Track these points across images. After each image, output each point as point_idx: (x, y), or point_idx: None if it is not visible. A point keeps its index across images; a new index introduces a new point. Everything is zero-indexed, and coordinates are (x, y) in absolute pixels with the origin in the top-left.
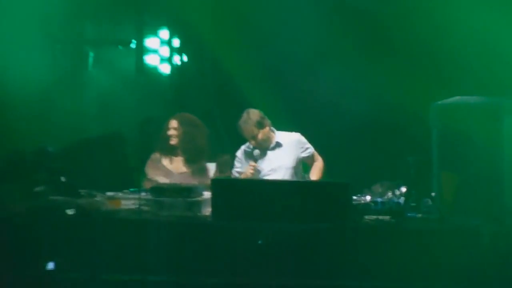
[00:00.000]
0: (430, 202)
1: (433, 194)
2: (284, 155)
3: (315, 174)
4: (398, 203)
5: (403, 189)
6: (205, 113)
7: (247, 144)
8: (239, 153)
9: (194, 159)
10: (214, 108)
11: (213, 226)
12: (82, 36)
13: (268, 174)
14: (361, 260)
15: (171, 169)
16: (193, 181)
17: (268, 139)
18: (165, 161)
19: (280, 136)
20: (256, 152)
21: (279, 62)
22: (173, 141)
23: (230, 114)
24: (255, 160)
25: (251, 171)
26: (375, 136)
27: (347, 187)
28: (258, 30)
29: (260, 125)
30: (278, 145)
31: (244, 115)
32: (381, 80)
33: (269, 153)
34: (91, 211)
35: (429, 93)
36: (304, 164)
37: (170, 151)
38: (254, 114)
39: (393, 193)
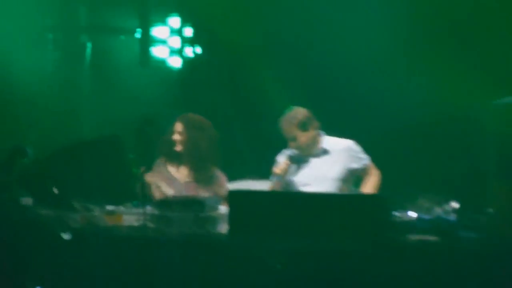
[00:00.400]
0: (485, 220)
1: (491, 209)
2: (331, 164)
3: (366, 189)
4: (449, 220)
5: (455, 204)
6: (220, 114)
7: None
8: (280, 158)
9: (200, 167)
10: (230, 109)
11: (229, 246)
12: (78, 23)
13: (309, 184)
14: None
15: (177, 177)
16: (200, 192)
17: (312, 144)
18: (171, 168)
19: (329, 141)
20: (292, 154)
21: (311, 56)
22: (178, 147)
23: (249, 116)
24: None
25: (281, 168)
26: (421, 141)
27: (385, 201)
28: (288, 19)
29: (304, 126)
30: (325, 151)
31: (288, 112)
32: (430, 76)
33: (313, 160)
34: (88, 229)
35: (486, 90)
36: (358, 178)
37: (175, 157)
38: (299, 112)
39: (443, 209)
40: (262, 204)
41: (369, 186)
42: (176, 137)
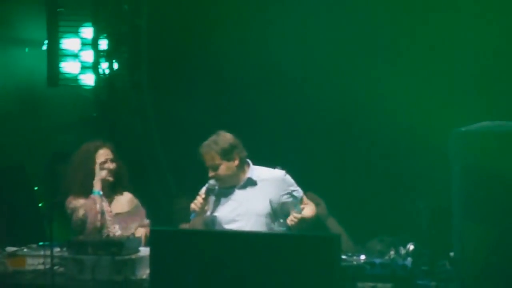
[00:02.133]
0: (448, 266)
1: (451, 254)
2: (257, 198)
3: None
4: (404, 265)
5: (411, 247)
6: (142, 141)
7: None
8: (202, 191)
9: (131, 198)
10: (154, 136)
11: None
12: None
13: (235, 221)
14: None
15: (107, 210)
16: (132, 225)
17: (233, 176)
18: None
19: (257, 171)
20: (212, 183)
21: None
22: (110, 177)
23: (177, 145)
24: (215, 197)
25: (196, 204)
26: (374, 173)
27: (336, 241)
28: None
29: (226, 154)
30: (251, 182)
31: (212, 137)
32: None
33: (238, 192)
34: None
35: (448, 116)
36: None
37: (107, 188)
38: (223, 138)
39: (397, 252)
40: (186, 245)
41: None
42: (109, 165)
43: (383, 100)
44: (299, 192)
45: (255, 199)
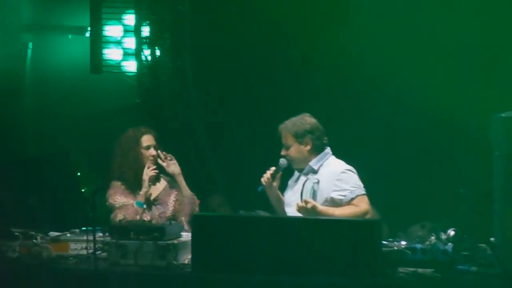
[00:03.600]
0: (489, 251)
1: (492, 239)
2: (310, 188)
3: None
4: (445, 251)
5: (452, 233)
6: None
7: None
8: (273, 167)
9: (173, 185)
10: (197, 122)
11: (193, 280)
12: (19, 21)
13: (289, 205)
14: None
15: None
16: (169, 215)
17: (303, 160)
18: (135, 192)
19: (325, 161)
20: (282, 162)
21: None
22: (153, 164)
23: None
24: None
25: (264, 178)
26: (415, 160)
27: (377, 226)
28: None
29: (299, 137)
30: (311, 170)
31: (294, 118)
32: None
33: (301, 177)
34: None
35: (489, 102)
36: None
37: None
38: (301, 121)
39: (438, 238)
40: (228, 229)
41: (343, 210)
42: (153, 152)
43: (425, 88)
44: (351, 193)
45: (308, 189)
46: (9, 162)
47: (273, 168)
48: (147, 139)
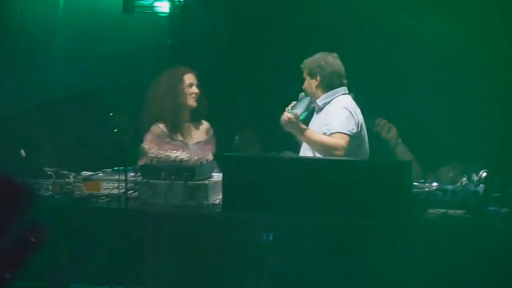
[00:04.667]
0: None
1: None
2: (312, 125)
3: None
4: (476, 192)
5: (484, 174)
6: (216, 70)
7: None
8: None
9: (209, 126)
10: (228, 64)
11: (223, 220)
12: None
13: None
14: (424, 270)
15: (186, 140)
16: (210, 153)
17: (313, 94)
18: (175, 133)
19: (328, 99)
20: (301, 95)
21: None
22: (194, 103)
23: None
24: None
25: (285, 117)
26: (443, 97)
27: (406, 167)
28: None
29: (310, 70)
30: (317, 108)
31: (319, 53)
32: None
33: (314, 116)
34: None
35: None
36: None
37: (186, 119)
38: (319, 56)
39: (469, 179)
40: (258, 170)
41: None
42: (194, 89)
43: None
44: (333, 128)
45: (311, 126)
46: (40, 102)
47: (293, 103)
48: (189, 77)
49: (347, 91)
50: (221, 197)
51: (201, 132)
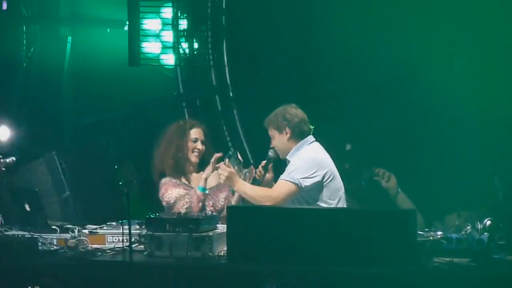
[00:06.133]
0: None
1: None
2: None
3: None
4: (480, 240)
5: (488, 222)
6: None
7: None
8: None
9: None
10: (234, 114)
11: (228, 271)
12: (56, 14)
13: None
14: None
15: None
16: (222, 196)
17: (285, 149)
18: (183, 179)
19: (297, 151)
20: (271, 153)
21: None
22: (196, 158)
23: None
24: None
25: (258, 171)
26: (449, 148)
27: (410, 216)
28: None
29: (279, 127)
30: (288, 160)
31: (279, 108)
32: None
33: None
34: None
35: None
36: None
37: (187, 170)
38: (282, 110)
39: (474, 227)
40: (263, 221)
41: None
42: (199, 146)
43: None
44: (283, 175)
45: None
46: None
47: (264, 162)
48: (195, 132)
49: (314, 139)
50: (225, 248)
51: (210, 179)
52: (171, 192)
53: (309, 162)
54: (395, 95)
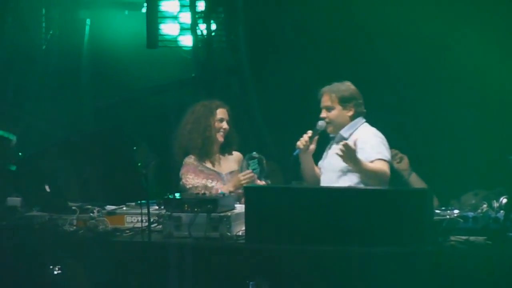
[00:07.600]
0: None
1: None
2: (333, 156)
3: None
4: (497, 218)
5: (504, 200)
6: (240, 101)
7: None
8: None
9: (241, 155)
10: (251, 95)
11: (246, 251)
12: None
13: (322, 173)
14: None
15: (218, 170)
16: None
17: (342, 125)
18: (207, 163)
19: (352, 129)
20: (321, 124)
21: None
22: (222, 138)
23: (274, 103)
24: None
25: (301, 141)
26: (466, 128)
27: (426, 196)
28: None
29: (344, 101)
30: (341, 138)
31: (337, 83)
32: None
33: (334, 145)
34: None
35: None
36: None
37: (214, 151)
38: (347, 86)
39: (490, 206)
40: (281, 201)
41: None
42: (224, 125)
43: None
44: (374, 155)
45: (335, 156)
46: (66, 137)
47: (310, 132)
48: (221, 112)
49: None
50: (243, 228)
51: (232, 162)
52: (190, 177)
53: (384, 141)
54: (411, 76)
